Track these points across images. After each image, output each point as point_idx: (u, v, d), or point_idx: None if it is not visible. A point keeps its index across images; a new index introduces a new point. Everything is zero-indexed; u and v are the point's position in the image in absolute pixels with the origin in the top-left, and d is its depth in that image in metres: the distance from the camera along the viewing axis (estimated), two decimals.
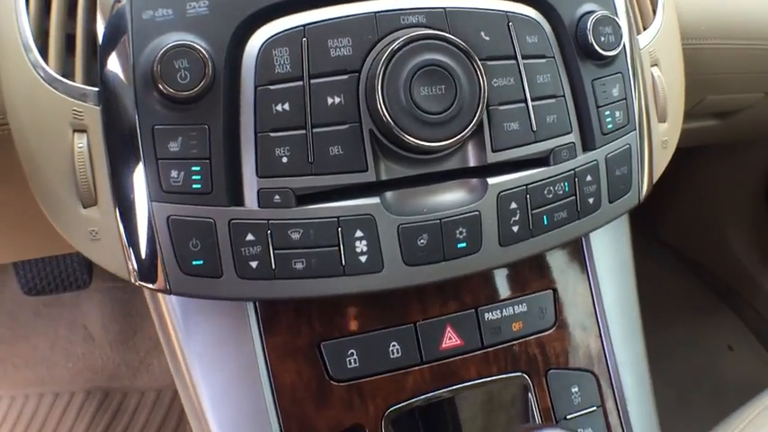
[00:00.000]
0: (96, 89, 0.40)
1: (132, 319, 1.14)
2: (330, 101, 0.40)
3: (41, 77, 0.41)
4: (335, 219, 0.41)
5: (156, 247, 0.40)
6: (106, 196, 0.41)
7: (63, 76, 0.41)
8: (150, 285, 0.41)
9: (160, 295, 0.45)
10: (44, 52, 0.42)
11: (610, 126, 0.47)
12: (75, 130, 0.40)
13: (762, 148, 1.12)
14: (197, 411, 0.45)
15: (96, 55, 0.41)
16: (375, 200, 0.41)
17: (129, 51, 0.39)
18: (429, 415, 0.49)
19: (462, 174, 0.44)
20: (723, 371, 1.04)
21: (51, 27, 0.42)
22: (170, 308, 0.45)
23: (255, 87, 0.39)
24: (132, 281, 0.41)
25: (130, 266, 0.41)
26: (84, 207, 0.42)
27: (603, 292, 0.51)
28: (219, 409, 0.44)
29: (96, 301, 1.14)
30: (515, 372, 0.49)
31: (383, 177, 0.41)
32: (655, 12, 0.53)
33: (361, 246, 0.41)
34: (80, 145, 0.40)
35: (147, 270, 0.41)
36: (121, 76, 0.39)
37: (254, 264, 0.40)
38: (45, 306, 1.13)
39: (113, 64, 0.40)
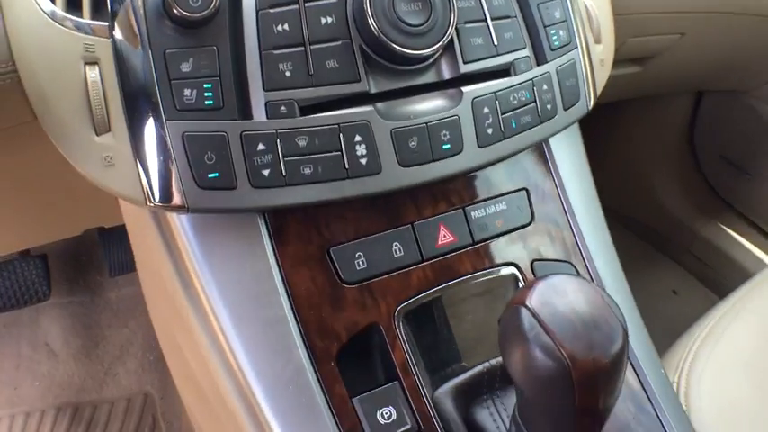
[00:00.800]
0: (106, 23, 0.45)
1: (93, 332, 1.14)
2: (323, 20, 0.46)
3: (49, 16, 0.44)
4: (336, 125, 0.46)
5: (172, 164, 0.44)
6: (120, 122, 0.45)
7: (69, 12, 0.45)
8: (167, 204, 0.45)
9: (172, 221, 0.49)
10: None
11: (557, 43, 0.56)
12: (86, 63, 0.44)
13: (679, 100, 1.26)
14: (215, 330, 0.48)
15: None
16: (369, 108, 0.47)
17: None
18: (435, 309, 0.55)
19: (441, 86, 0.50)
20: (671, 313, 1.13)
21: None
22: (182, 233, 0.49)
23: (257, 11, 0.45)
24: (147, 203, 0.45)
25: (145, 187, 0.45)
26: (98, 134, 0.45)
27: (569, 191, 0.59)
28: (239, 323, 0.48)
29: (55, 317, 1.13)
30: (505, 265, 0.55)
31: (374, 90, 0.47)
32: None
33: (360, 149, 0.47)
34: (93, 76, 0.44)
35: (164, 189, 0.44)
36: (131, 8, 0.44)
37: (265, 172, 0.45)
38: (5, 326, 1.12)
39: None
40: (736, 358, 0.67)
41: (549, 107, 0.55)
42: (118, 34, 0.44)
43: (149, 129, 0.44)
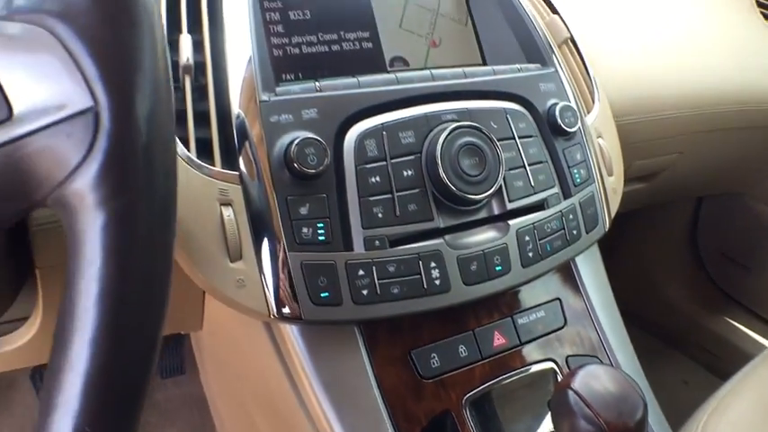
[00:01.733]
0: (236, 173, 0.60)
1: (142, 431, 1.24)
2: (405, 173, 0.62)
3: (188, 163, 0.58)
4: (417, 255, 0.62)
5: (293, 285, 0.59)
6: (250, 251, 0.60)
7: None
8: (286, 317, 0.60)
9: (284, 330, 0.64)
10: (184, 142, 0.59)
11: (578, 180, 0.72)
12: (222, 204, 0.60)
13: (681, 206, 1.44)
14: (320, 420, 0.63)
15: (225, 141, 0.60)
16: (440, 240, 0.63)
17: (264, 145, 0.59)
18: (494, 396, 0.69)
19: (492, 220, 0.66)
20: (683, 402, 1.26)
21: (189, 131, 0.60)
22: (293, 340, 0.63)
23: (356, 167, 0.61)
24: (270, 315, 0.60)
25: (270, 304, 0.60)
26: (232, 261, 0.60)
27: (592, 298, 0.74)
28: (340, 411, 0.62)
29: None
30: (546, 360, 0.70)
31: (443, 226, 0.63)
32: (593, 100, 0.79)
33: (434, 273, 0.62)
34: (228, 215, 0.59)
35: (285, 305, 0.60)
36: (258, 162, 0.59)
37: (364, 292, 0.60)
38: None
39: (249, 154, 0.60)
40: (741, 429, 0.80)
41: (574, 232, 0.71)
42: (247, 182, 0.60)
43: (275, 258, 0.59)
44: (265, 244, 0.59)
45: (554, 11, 0.80)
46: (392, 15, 0.71)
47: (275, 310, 0.60)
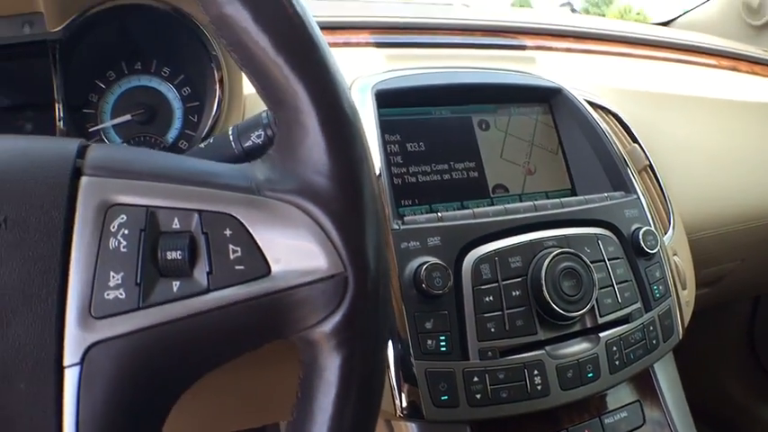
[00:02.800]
0: None
1: None
2: (513, 293, 0.74)
3: None
4: (522, 364, 0.73)
5: (418, 389, 0.71)
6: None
7: None
8: (410, 415, 0.71)
9: (404, 427, 0.75)
10: None
11: (657, 295, 0.84)
12: None
13: (740, 305, 1.55)
14: None
15: None
16: (542, 351, 0.74)
17: (395, 268, 0.71)
18: None
19: (585, 333, 0.78)
20: None
21: None
22: None
23: (473, 288, 0.73)
24: (397, 414, 0.72)
25: (397, 405, 0.71)
26: None
27: (667, 398, 0.85)
28: None
29: None
30: None
31: (543, 338, 0.75)
32: (669, 221, 0.92)
33: (537, 380, 0.74)
34: None
35: (410, 406, 0.71)
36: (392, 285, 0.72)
37: (478, 396, 0.71)
38: None
39: None
40: None
41: (654, 342, 0.82)
42: None
43: (403, 364, 0.71)
44: (396, 352, 0.72)
45: (634, 140, 0.93)
46: (494, 147, 0.84)
47: (401, 409, 0.71)
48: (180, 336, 0.41)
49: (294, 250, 0.42)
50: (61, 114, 0.77)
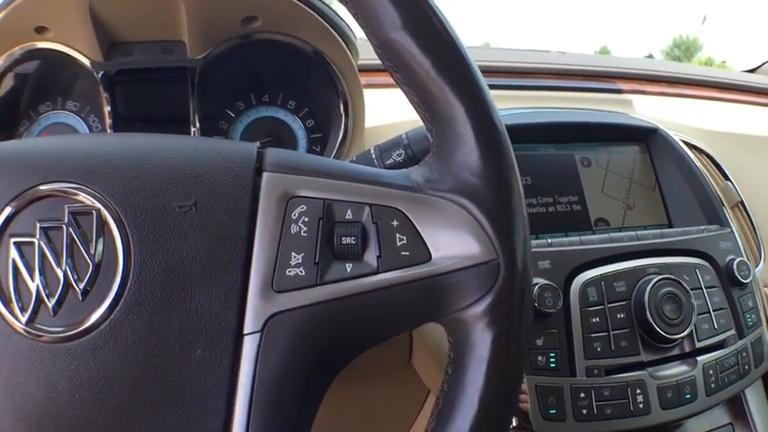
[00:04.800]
0: None
1: None
2: (618, 316, 0.81)
3: None
4: (626, 383, 0.79)
5: (527, 403, 0.77)
6: None
7: None
8: (520, 427, 0.78)
9: None
10: None
11: (750, 323, 0.89)
12: None
13: None
14: None
15: None
16: (644, 372, 0.80)
17: None
18: None
19: (684, 356, 0.84)
20: None
21: None
22: None
23: (580, 309, 0.80)
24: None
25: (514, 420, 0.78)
26: None
27: (757, 425, 0.90)
28: None
29: None
30: None
31: (645, 360, 0.81)
32: (760, 254, 0.97)
33: (639, 398, 0.79)
34: None
35: (521, 418, 0.78)
36: None
37: (584, 411, 0.78)
38: None
39: None
40: None
41: (746, 367, 0.87)
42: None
43: None
44: None
45: (726, 177, 0.99)
46: (596, 183, 0.91)
47: (513, 421, 0.78)
48: (350, 311, 0.47)
49: (452, 240, 0.48)
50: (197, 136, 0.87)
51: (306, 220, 0.47)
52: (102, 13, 0.81)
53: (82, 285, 0.45)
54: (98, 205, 0.45)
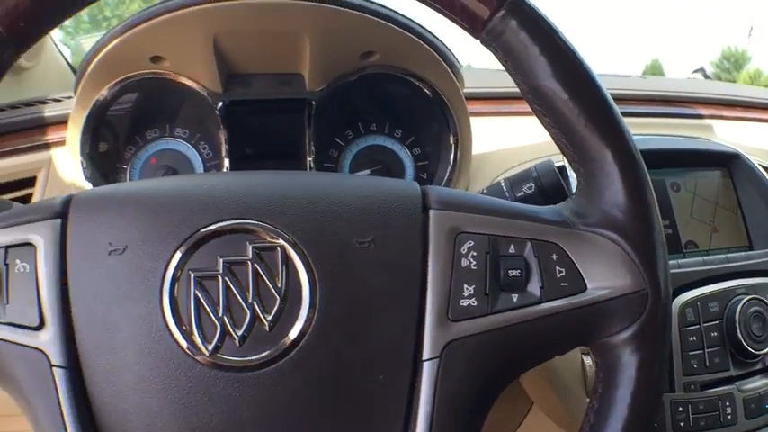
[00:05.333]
0: None
1: None
2: (712, 334, 0.87)
3: None
4: (717, 396, 0.86)
5: None
6: None
7: None
8: None
9: None
10: None
11: None
12: (582, 353, 0.86)
13: None
14: None
15: None
16: (733, 386, 0.87)
17: None
18: None
19: (765, 371, 0.90)
20: None
21: None
22: None
23: (679, 329, 0.86)
24: None
25: None
26: (588, 397, 0.85)
27: None
28: None
29: None
30: None
31: (735, 374, 0.87)
32: None
33: (727, 410, 0.86)
34: (588, 363, 0.85)
35: None
36: None
37: (681, 423, 0.84)
38: None
39: None
40: None
41: None
42: None
43: None
44: None
45: None
46: (685, 207, 0.97)
47: None
48: (517, 337, 0.52)
49: (605, 271, 0.53)
50: (312, 166, 0.92)
51: (474, 254, 0.52)
52: (226, 45, 0.86)
53: (269, 317, 0.49)
54: (281, 242, 0.50)
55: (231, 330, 0.49)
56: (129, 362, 0.49)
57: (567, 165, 0.83)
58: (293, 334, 0.49)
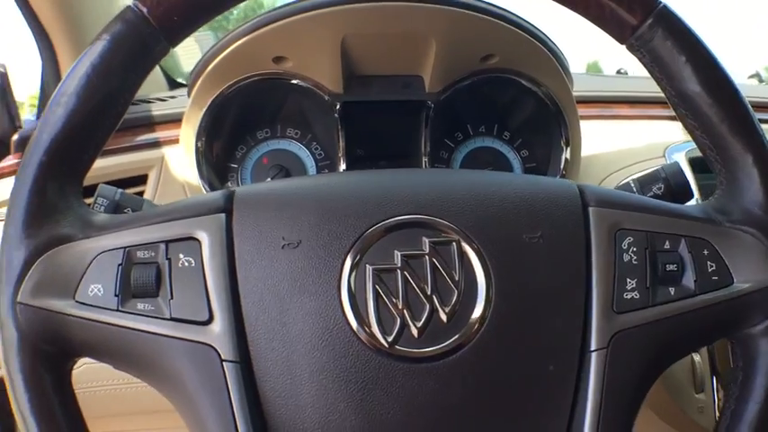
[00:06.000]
0: None
1: None
2: None
3: None
4: None
5: None
6: (709, 387, 0.87)
7: None
8: None
9: None
10: None
11: None
12: None
13: None
14: None
15: None
16: None
17: None
18: None
19: None
20: None
21: None
22: None
23: None
24: None
25: None
26: (696, 393, 0.87)
27: None
28: None
29: None
30: None
31: None
32: None
33: None
34: (698, 360, 0.87)
35: None
36: None
37: None
38: None
39: None
40: None
41: None
42: None
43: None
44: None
45: None
46: None
47: None
48: (674, 328, 0.53)
49: (749, 265, 0.55)
50: (426, 167, 0.94)
51: (635, 249, 0.54)
52: (352, 47, 0.87)
53: (447, 310, 0.50)
54: (456, 236, 0.52)
55: (410, 322, 0.50)
56: (304, 355, 0.49)
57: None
58: (470, 327, 0.51)
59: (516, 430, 0.53)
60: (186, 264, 0.50)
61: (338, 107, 0.91)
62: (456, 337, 0.50)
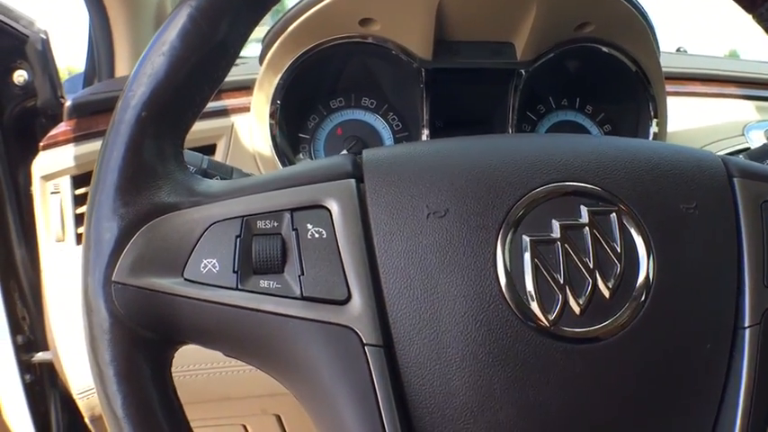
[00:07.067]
0: None
1: None
2: None
3: None
4: None
5: None
6: None
7: None
8: None
9: None
10: None
11: None
12: None
13: None
14: None
15: None
16: None
17: None
18: None
19: None
20: None
21: None
22: None
23: None
24: None
25: None
26: None
27: None
28: None
29: None
30: None
31: None
32: None
33: None
34: None
35: None
36: None
37: None
38: None
39: None
40: None
41: None
42: None
43: None
44: None
45: None
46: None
47: None
48: None
49: None
50: None
51: None
52: (449, 10, 0.83)
53: (610, 285, 0.46)
54: (616, 206, 0.47)
55: (572, 299, 0.46)
56: (455, 336, 0.44)
57: None
58: (633, 303, 0.46)
59: (671, 411, 0.49)
60: (317, 235, 0.45)
61: (423, 74, 0.87)
62: (618, 314, 0.46)
